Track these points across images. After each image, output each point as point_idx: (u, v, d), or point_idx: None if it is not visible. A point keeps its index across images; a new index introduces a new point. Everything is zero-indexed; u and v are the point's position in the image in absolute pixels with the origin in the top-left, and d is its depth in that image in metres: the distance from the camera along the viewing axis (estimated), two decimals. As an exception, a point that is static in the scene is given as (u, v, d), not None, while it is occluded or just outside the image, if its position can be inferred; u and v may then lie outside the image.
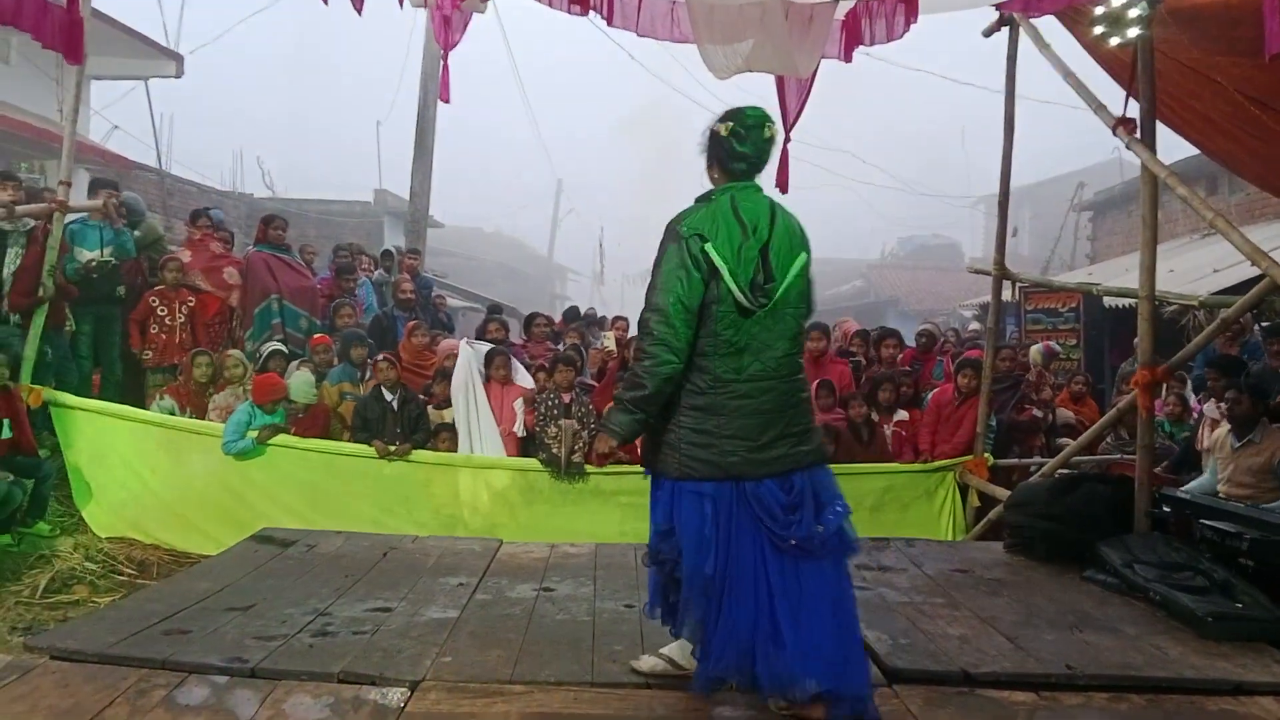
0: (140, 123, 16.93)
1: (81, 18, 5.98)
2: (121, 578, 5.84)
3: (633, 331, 10.22)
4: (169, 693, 3.14)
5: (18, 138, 13.18)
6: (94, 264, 7.36)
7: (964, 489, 7.12)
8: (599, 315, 12.16)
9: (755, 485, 3.04)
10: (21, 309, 6.72)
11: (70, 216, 7.08)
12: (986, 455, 7.14)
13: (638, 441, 3.26)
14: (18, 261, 6.73)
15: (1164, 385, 7.02)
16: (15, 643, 4.44)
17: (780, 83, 6.73)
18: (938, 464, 7.19)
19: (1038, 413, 7.97)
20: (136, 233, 8.13)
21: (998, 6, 6.55)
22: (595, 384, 7.99)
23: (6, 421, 6.22)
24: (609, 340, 8.85)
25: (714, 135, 3.19)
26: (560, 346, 8.87)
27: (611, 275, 38.55)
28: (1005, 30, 6.83)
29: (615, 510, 6.69)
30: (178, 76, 16.31)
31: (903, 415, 7.60)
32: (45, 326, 6.71)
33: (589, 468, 6.73)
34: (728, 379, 3.07)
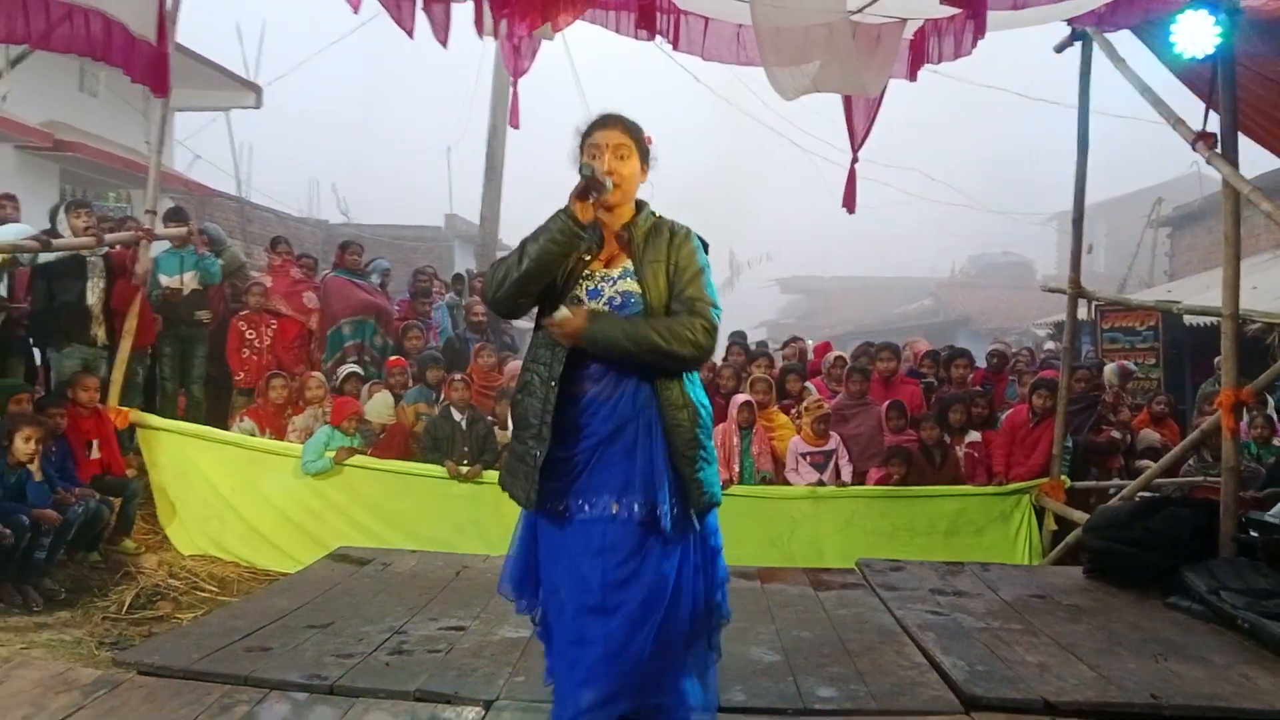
0: (221, 152, 17.46)
1: (167, 53, 6.20)
2: (203, 594, 5.97)
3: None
4: (251, 708, 3.22)
5: (106, 168, 13.68)
6: (169, 290, 7.62)
7: (1040, 512, 6.97)
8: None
9: None
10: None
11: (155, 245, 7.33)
12: (1063, 477, 6.99)
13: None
14: (100, 289, 6.96)
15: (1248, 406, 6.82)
16: (103, 657, 4.57)
17: (848, 103, 6.72)
18: (1013, 486, 7.04)
19: (1115, 434, 7.78)
20: (220, 261, 8.40)
21: (1070, 21, 6.46)
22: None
23: (96, 442, 6.45)
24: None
25: (648, 149, 2.97)
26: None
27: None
28: (1078, 45, 6.73)
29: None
30: (257, 107, 16.77)
31: (975, 436, 7.48)
32: (132, 349, 6.94)
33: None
34: None
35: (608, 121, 2.89)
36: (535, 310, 2.91)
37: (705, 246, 2.92)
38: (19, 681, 3.39)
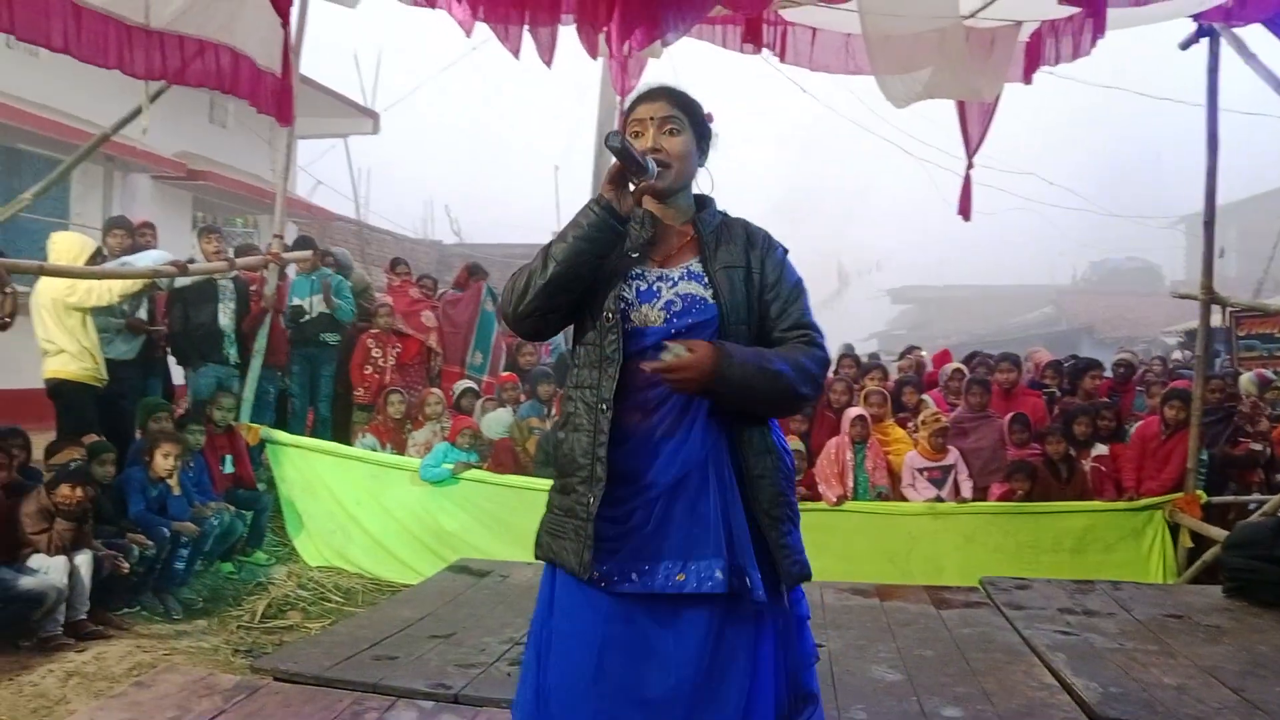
0: (340, 177, 18.12)
1: (291, 84, 6.46)
2: (330, 604, 6.16)
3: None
4: (380, 715, 3.32)
5: (235, 195, 14.34)
6: (294, 308, 7.95)
7: (1174, 529, 6.67)
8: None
9: None
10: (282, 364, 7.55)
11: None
12: (1199, 492, 6.67)
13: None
14: (231, 311, 7.29)
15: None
16: (238, 664, 4.77)
17: (962, 108, 6.61)
18: (1145, 502, 6.74)
19: (1255, 446, 7.40)
20: (349, 282, 8.74)
21: (1196, 17, 6.22)
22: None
23: (229, 457, 6.75)
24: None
25: (708, 126, 2.38)
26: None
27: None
28: (1204, 41, 6.47)
29: (798, 547, 6.59)
30: (374, 133, 17.35)
31: (1102, 450, 7.20)
32: (264, 368, 7.24)
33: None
34: None
35: (654, 93, 2.31)
36: (573, 329, 2.32)
37: (781, 247, 2.37)
38: (165, 686, 3.57)
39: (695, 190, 2.38)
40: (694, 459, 2.12)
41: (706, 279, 2.21)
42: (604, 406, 2.13)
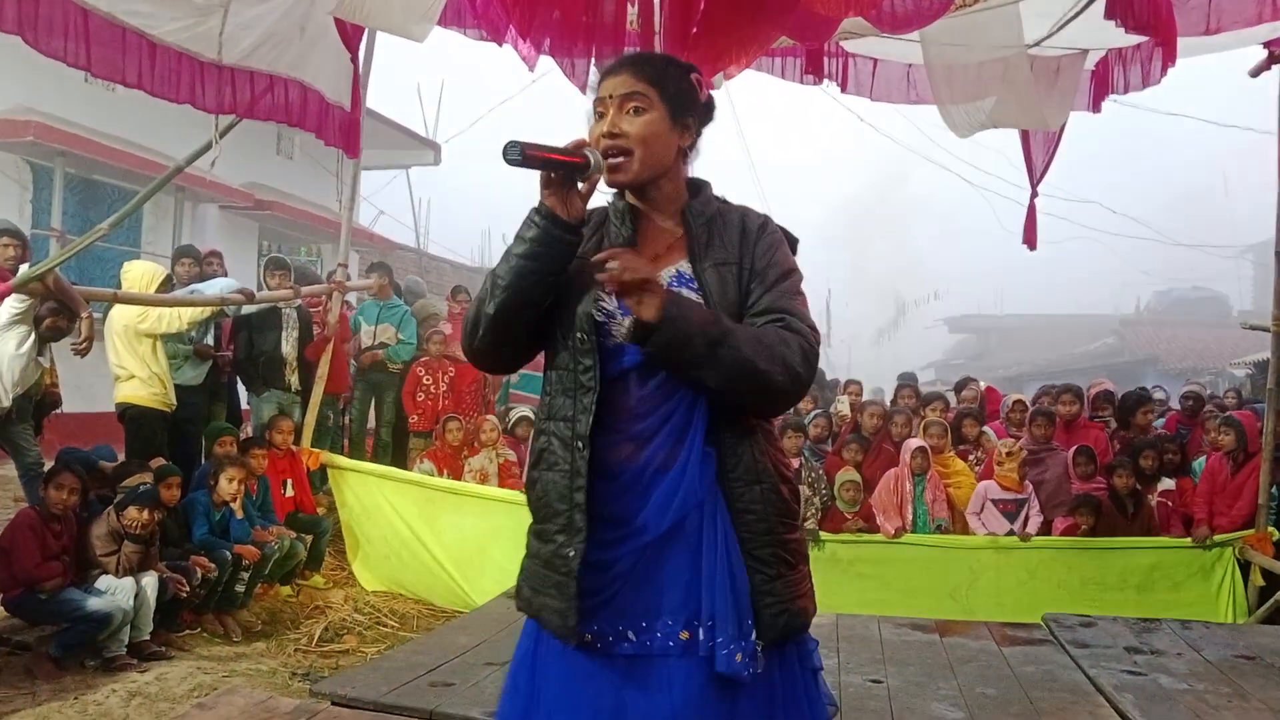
0: (401, 207, 18.39)
1: (359, 118, 6.61)
2: (385, 629, 6.21)
3: (867, 395, 10.03)
4: (437, 742, 3.34)
5: (300, 224, 14.68)
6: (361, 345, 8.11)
7: (1245, 566, 6.47)
8: (829, 378, 11.97)
9: None
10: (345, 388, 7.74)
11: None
12: (1270, 529, 6.47)
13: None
14: (294, 338, 7.44)
15: None
16: (296, 687, 4.81)
17: (1026, 137, 6.54)
18: (1215, 538, 6.57)
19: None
20: (410, 309, 8.87)
21: (1267, 45, 6.12)
22: (827, 450, 7.86)
23: (290, 481, 6.86)
24: (843, 404, 8.73)
25: (704, 95, 2.02)
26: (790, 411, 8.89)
27: (838, 337, 38.02)
28: (1276, 68, 6.35)
29: (854, 580, 6.51)
30: (436, 164, 17.63)
31: (1169, 484, 7.02)
32: (326, 395, 7.37)
33: (824, 535, 6.62)
34: None
35: (616, 66, 1.96)
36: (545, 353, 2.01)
37: (794, 244, 2.02)
38: (227, 709, 3.62)
39: (683, 166, 2.02)
40: (692, 498, 1.82)
41: (696, 282, 1.89)
42: (580, 444, 1.84)
